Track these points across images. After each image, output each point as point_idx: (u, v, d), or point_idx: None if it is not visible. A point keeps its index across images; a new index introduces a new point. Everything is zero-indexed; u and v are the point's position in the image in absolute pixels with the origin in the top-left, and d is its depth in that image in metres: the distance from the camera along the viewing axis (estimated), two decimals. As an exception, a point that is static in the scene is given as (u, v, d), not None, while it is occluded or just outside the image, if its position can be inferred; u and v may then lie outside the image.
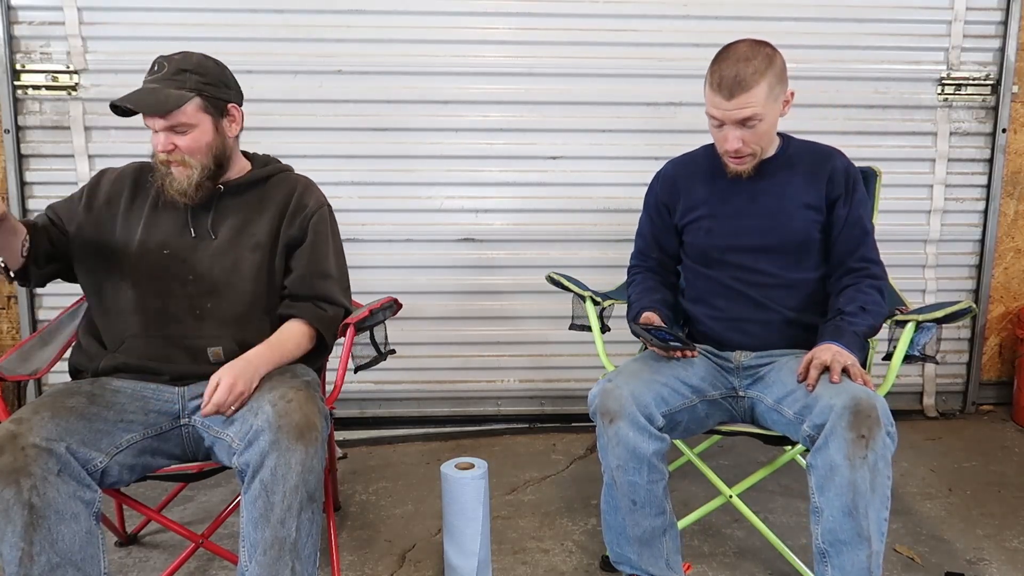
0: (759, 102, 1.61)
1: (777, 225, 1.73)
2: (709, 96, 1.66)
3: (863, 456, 1.42)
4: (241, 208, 1.66)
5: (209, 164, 1.60)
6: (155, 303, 1.59)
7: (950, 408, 3.02)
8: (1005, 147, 2.81)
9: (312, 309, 1.65)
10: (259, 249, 1.64)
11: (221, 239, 1.63)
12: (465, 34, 2.68)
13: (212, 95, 1.59)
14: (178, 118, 1.55)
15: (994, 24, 2.76)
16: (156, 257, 1.60)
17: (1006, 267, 2.94)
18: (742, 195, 1.77)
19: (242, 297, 1.62)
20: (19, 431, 1.31)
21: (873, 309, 1.65)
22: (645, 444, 1.54)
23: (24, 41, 2.60)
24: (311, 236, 1.69)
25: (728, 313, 1.78)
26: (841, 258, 1.73)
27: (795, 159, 1.77)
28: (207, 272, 1.61)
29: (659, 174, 1.93)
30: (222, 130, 1.62)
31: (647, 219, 1.93)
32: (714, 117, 1.66)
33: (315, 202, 1.72)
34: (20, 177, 2.64)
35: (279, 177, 1.74)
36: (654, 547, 1.61)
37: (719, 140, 1.70)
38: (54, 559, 1.28)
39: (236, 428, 1.45)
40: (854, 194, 1.74)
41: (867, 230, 1.74)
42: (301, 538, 1.38)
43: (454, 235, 2.79)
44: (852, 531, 1.44)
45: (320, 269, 1.69)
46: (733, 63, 1.61)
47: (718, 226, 1.78)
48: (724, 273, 1.78)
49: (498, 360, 2.87)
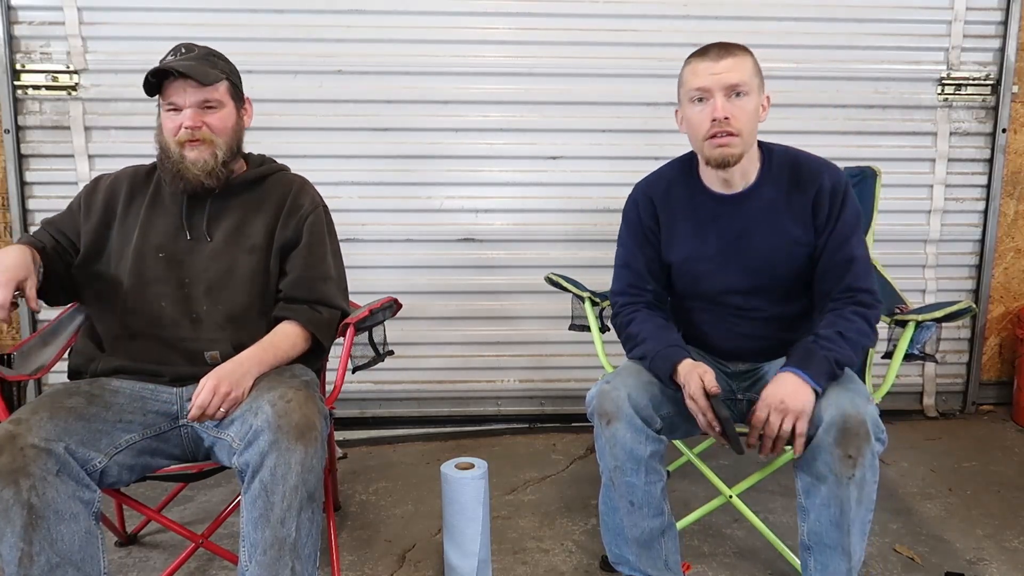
0: (747, 72, 1.55)
1: (766, 266, 1.64)
2: (692, 69, 1.58)
3: (850, 476, 1.43)
4: (236, 209, 1.66)
5: (232, 146, 1.62)
6: (152, 306, 1.59)
7: (950, 408, 3.02)
8: (1005, 147, 2.81)
9: (308, 312, 1.63)
10: (255, 251, 1.64)
11: (217, 241, 1.62)
12: (465, 34, 2.68)
13: (236, 83, 1.66)
14: (213, 94, 1.58)
15: (994, 24, 2.76)
16: (152, 260, 1.60)
17: (1006, 267, 2.94)
18: (727, 232, 1.65)
19: (238, 300, 1.61)
20: (18, 431, 1.31)
21: (852, 337, 1.51)
22: (643, 446, 1.54)
23: (24, 41, 2.60)
24: (307, 238, 1.68)
25: (722, 344, 1.76)
26: (827, 290, 1.62)
27: (778, 176, 1.64)
28: (203, 275, 1.60)
29: (635, 200, 1.76)
30: (240, 119, 1.66)
31: (635, 249, 1.75)
32: (700, 88, 1.55)
33: (310, 203, 1.71)
34: (20, 177, 2.65)
35: (275, 177, 1.73)
36: (653, 548, 1.61)
37: (702, 119, 1.56)
38: (53, 559, 1.28)
39: (236, 428, 1.44)
40: (840, 216, 1.60)
41: (854, 256, 1.59)
42: (301, 538, 1.38)
43: (454, 235, 2.79)
44: (836, 540, 1.48)
45: (317, 271, 1.68)
46: (714, 43, 1.58)
47: (705, 272, 1.69)
48: (715, 308, 1.73)
49: (498, 360, 2.87)
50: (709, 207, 1.67)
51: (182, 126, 1.56)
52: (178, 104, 1.57)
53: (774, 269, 1.65)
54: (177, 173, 1.59)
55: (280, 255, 1.67)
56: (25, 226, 2.68)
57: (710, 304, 1.73)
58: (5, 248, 1.48)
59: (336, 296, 1.70)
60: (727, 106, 1.54)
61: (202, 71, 1.56)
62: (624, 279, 1.77)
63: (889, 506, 2.18)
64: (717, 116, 1.54)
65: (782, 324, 1.70)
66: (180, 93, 1.56)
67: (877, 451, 1.45)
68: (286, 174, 1.77)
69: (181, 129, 1.57)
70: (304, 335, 1.63)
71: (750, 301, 1.69)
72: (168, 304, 1.59)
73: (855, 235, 1.61)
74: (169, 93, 1.57)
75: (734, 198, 1.65)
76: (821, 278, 1.63)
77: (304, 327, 1.62)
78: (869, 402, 1.49)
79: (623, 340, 1.74)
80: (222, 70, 1.61)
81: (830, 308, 1.59)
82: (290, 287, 1.65)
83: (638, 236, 1.74)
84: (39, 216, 2.67)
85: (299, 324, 1.62)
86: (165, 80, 1.56)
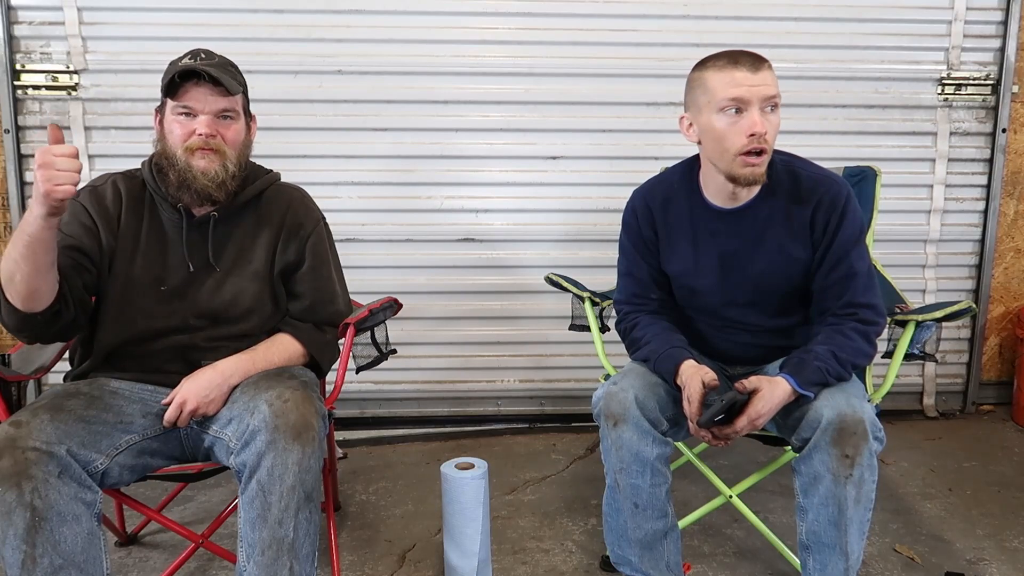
0: (777, 85, 1.48)
1: (763, 282, 1.63)
2: (726, 77, 1.46)
3: (848, 475, 1.43)
4: (238, 233, 1.61)
5: (241, 161, 1.57)
6: (152, 337, 1.55)
7: (950, 408, 3.02)
8: (1005, 147, 2.81)
9: (311, 332, 1.64)
10: (258, 278, 1.61)
11: (221, 271, 1.59)
12: (465, 34, 2.67)
13: (248, 99, 1.62)
14: (233, 104, 1.53)
15: (994, 24, 2.76)
16: (153, 292, 1.55)
17: (1006, 267, 2.94)
18: (725, 248, 1.63)
19: (243, 326, 1.60)
20: (19, 434, 1.30)
21: (844, 357, 1.49)
22: (649, 448, 1.54)
23: (24, 41, 2.60)
24: (310, 260, 1.66)
25: (722, 349, 1.76)
26: (826, 306, 1.59)
27: (778, 191, 1.60)
28: (207, 305, 1.57)
29: (633, 208, 1.73)
30: (249, 135, 1.61)
31: (637, 258, 1.73)
32: (737, 99, 1.45)
33: (310, 221, 1.68)
34: (20, 177, 2.64)
35: (272, 191, 1.67)
36: (655, 550, 1.61)
37: (736, 132, 1.47)
38: (56, 561, 1.28)
39: (233, 428, 1.44)
40: (838, 231, 1.55)
41: (855, 271, 1.55)
42: (299, 538, 1.37)
43: (454, 235, 2.79)
44: (834, 540, 1.48)
45: (325, 294, 1.68)
46: (739, 51, 1.49)
47: (703, 287, 1.68)
48: (714, 319, 1.73)
49: (498, 360, 2.87)
50: (707, 222, 1.65)
51: (195, 132, 1.49)
52: (195, 109, 1.49)
53: (772, 285, 1.64)
54: (183, 183, 1.51)
55: (283, 277, 1.65)
56: (25, 226, 2.67)
57: (709, 316, 1.73)
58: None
59: (342, 315, 1.70)
60: (763, 121, 1.47)
61: (228, 79, 1.50)
62: (628, 288, 1.77)
63: (889, 506, 2.19)
64: (757, 131, 1.45)
65: (781, 334, 1.71)
66: (200, 98, 1.49)
67: (875, 450, 1.45)
68: (282, 186, 1.70)
69: (193, 135, 1.49)
70: (302, 352, 1.63)
71: (748, 315, 1.69)
72: (169, 335, 1.56)
73: (855, 249, 1.57)
74: (186, 97, 1.49)
75: (733, 213, 1.62)
76: (820, 295, 1.61)
77: (304, 346, 1.62)
78: (866, 401, 1.50)
79: (627, 344, 1.75)
80: (240, 82, 1.56)
81: (829, 323, 1.57)
82: (300, 312, 1.66)
83: (639, 246, 1.73)
84: (39, 216, 2.67)
85: (299, 341, 1.62)
86: (184, 83, 1.49)
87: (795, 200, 1.59)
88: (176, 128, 1.51)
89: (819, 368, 1.47)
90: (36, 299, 1.38)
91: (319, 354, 1.64)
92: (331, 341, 1.67)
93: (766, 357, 1.74)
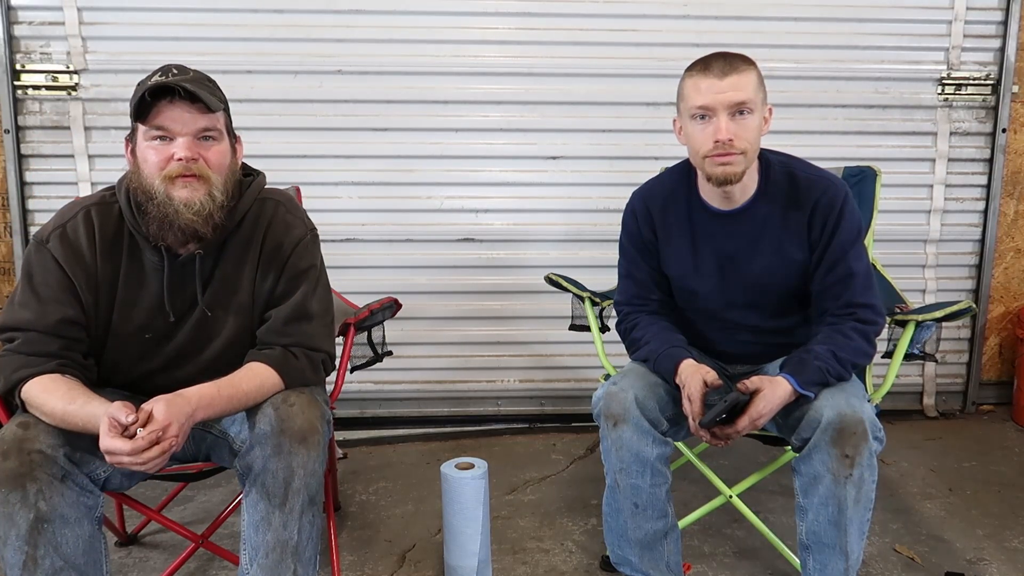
0: (751, 88, 1.49)
1: (762, 284, 1.64)
2: (694, 84, 1.51)
3: (847, 475, 1.43)
4: (222, 267, 1.46)
5: (229, 188, 1.39)
6: (140, 378, 1.49)
7: (950, 408, 3.02)
8: (1005, 147, 2.81)
9: (281, 356, 1.44)
10: (241, 311, 1.48)
11: (207, 309, 1.45)
12: (465, 34, 2.68)
13: (230, 116, 1.45)
14: (214, 122, 1.36)
15: (994, 24, 2.76)
16: (138, 342, 1.45)
17: (1006, 267, 2.94)
18: (723, 250, 1.64)
19: (224, 357, 1.48)
20: (26, 436, 1.29)
21: (844, 356, 1.50)
22: (649, 448, 1.54)
23: (24, 41, 2.60)
24: (284, 285, 1.47)
25: (722, 349, 1.76)
26: (825, 307, 1.60)
27: (775, 192, 1.60)
28: (190, 344, 1.47)
29: (633, 210, 1.74)
30: (234, 158, 1.44)
31: (638, 260, 1.74)
32: (703, 107, 1.49)
33: (289, 241, 1.48)
34: (20, 177, 2.64)
35: (253, 208, 1.48)
36: (655, 550, 1.62)
37: (704, 138, 1.51)
38: (58, 563, 1.28)
39: (237, 430, 1.44)
40: (836, 232, 1.56)
41: (853, 272, 1.55)
42: (302, 541, 1.37)
43: (454, 235, 2.79)
44: (834, 539, 1.49)
45: (295, 311, 1.47)
46: (717, 55, 1.51)
47: (701, 288, 1.68)
48: (714, 320, 1.73)
49: (498, 360, 2.87)
50: (706, 224, 1.65)
51: (173, 157, 1.32)
52: (172, 131, 1.32)
53: (770, 287, 1.64)
54: (164, 220, 1.34)
55: (264, 308, 1.49)
56: (25, 226, 2.67)
57: (708, 317, 1.73)
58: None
59: (316, 336, 1.48)
60: (731, 126, 1.48)
61: (207, 94, 1.33)
62: (629, 290, 1.77)
63: (889, 506, 2.19)
64: (721, 138, 1.48)
65: (781, 333, 1.71)
66: (176, 118, 1.32)
67: (875, 450, 1.45)
68: (264, 202, 1.50)
69: (172, 161, 1.32)
70: (275, 378, 1.42)
71: (748, 316, 1.70)
72: (160, 372, 1.49)
73: (853, 249, 1.57)
74: (160, 117, 1.32)
75: (731, 215, 1.63)
76: (819, 296, 1.61)
77: (276, 370, 1.43)
78: (866, 401, 1.50)
79: (627, 344, 1.75)
80: (220, 99, 1.38)
81: (829, 322, 1.57)
82: (265, 333, 1.46)
83: (638, 247, 1.74)
84: (39, 216, 2.67)
85: (270, 366, 1.43)
86: (157, 102, 1.31)
87: (792, 201, 1.59)
88: (151, 155, 1.33)
89: (819, 368, 1.48)
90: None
91: (290, 378, 1.44)
92: (303, 366, 1.45)
93: (767, 356, 1.74)
